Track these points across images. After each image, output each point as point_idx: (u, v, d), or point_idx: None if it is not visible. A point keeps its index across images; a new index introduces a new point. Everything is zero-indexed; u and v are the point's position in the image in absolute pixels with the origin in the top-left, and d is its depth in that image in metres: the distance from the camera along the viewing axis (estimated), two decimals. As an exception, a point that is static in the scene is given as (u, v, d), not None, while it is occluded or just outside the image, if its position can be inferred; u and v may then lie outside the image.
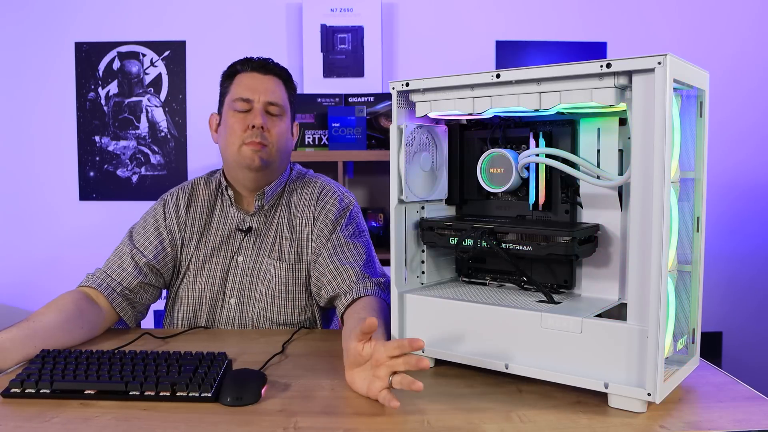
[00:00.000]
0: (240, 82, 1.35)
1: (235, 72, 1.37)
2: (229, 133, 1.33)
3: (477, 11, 2.64)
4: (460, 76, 0.99)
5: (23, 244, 2.65)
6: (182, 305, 1.39)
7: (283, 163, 1.39)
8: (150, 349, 1.05)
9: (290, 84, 1.41)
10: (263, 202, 1.38)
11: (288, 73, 1.41)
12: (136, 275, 1.32)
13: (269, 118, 1.33)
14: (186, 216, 1.39)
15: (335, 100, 2.43)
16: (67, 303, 1.20)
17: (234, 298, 1.37)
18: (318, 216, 1.37)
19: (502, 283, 1.14)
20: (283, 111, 1.36)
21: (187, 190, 1.42)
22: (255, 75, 1.35)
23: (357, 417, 0.87)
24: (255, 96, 1.32)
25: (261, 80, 1.34)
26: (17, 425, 0.83)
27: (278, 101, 1.34)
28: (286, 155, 1.40)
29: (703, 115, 0.97)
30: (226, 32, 2.62)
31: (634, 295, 0.85)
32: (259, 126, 1.30)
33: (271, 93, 1.34)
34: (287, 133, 1.38)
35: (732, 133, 2.66)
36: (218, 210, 1.41)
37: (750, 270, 2.74)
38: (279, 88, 1.36)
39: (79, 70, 2.62)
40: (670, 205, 0.86)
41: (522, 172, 1.07)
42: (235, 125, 1.32)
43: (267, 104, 1.33)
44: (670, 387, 0.89)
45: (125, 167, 2.65)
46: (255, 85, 1.33)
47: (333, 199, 1.39)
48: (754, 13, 2.68)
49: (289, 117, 1.40)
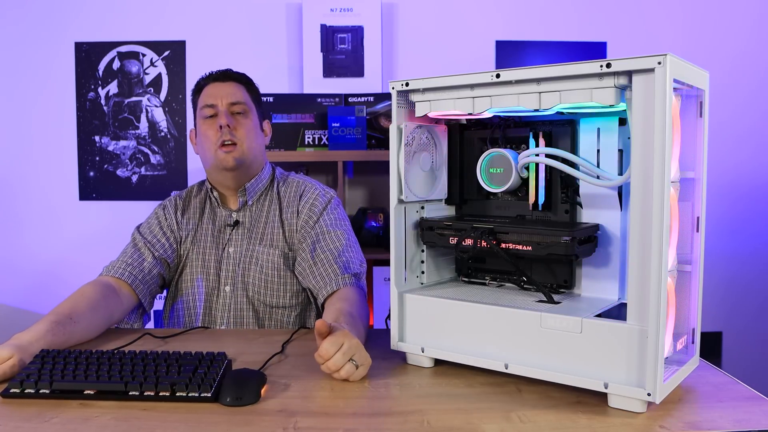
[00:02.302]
0: (205, 93, 1.49)
1: (201, 86, 1.52)
2: (204, 140, 1.46)
3: (477, 11, 2.64)
4: (460, 76, 0.99)
5: (23, 244, 2.65)
6: (181, 298, 1.48)
7: (257, 159, 1.51)
8: (150, 349, 1.05)
9: (251, 86, 1.55)
10: (246, 197, 1.50)
11: (247, 78, 1.55)
12: (155, 264, 1.44)
13: (234, 117, 1.46)
14: (182, 218, 1.53)
15: (335, 100, 2.43)
16: (89, 292, 1.28)
17: (228, 285, 1.47)
18: (302, 209, 1.48)
19: (502, 283, 1.14)
20: (247, 109, 1.49)
21: (183, 196, 1.57)
22: (216, 84, 1.49)
23: (357, 417, 0.87)
24: (218, 100, 1.46)
25: (221, 86, 1.48)
26: (17, 425, 0.83)
27: (239, 100, 1.47)
28: (259, 151, 1.52)
29: (703, 115, 0.97)
30: (226, 32, 2.61)
31: (634, 295, 0.85)
32: (225, 125, 1.42)
33: (231, 95, 1.47)
34: (255, 130, 1.50)
35: (732, 133, 2.66)
36: (208, 210, 1.54)
37: (750, 270, 2.74)
38: (239, 90, 1.50)
39: (79, 70, 2.62)
40: (670, 205, 0.86)
41: (522, 172, 1.07)
42: (208, 131, 1.45)
43: (229, 105, 1.46)
44: (670, 387, 0.89)
45: (125, 167, 2.65)
46: (216, 92, 1.47)
47: (315, 194, 1.51)
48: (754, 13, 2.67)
49: (256, 115, 1.52)
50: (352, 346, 0.99)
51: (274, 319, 1.46)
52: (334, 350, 0.97)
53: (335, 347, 0.97)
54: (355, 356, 0.98)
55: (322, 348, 0.98)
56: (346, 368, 0.98)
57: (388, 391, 0.96)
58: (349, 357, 0.98)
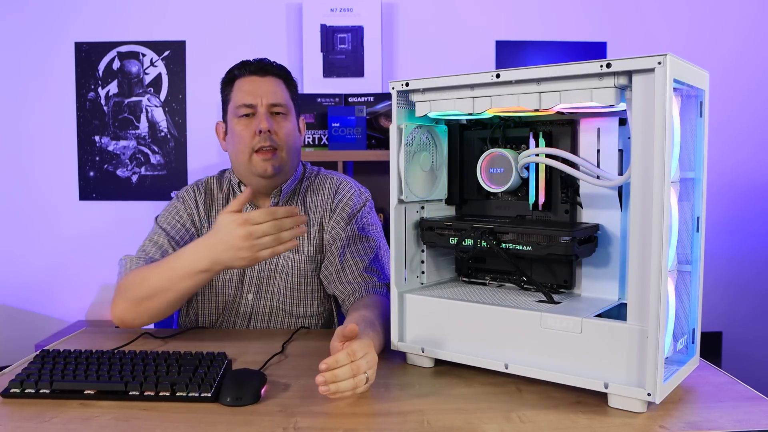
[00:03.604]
0: (240, 87, 1.34)
1: (233, 78, 1.36)
2: (237, 142, 1.32)
3: (477, 11, 2.64)
4: (460, 76, 0.99)
5: (23, 244, 2.65)
6: (200, 303, 1.40)
7: (294, 162, 1.39)
8: (150, 349, 1.05)
9: (290, 81, 1.40)
10: (279, 199, 1.39)
11: (287, 71, 1.40)
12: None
13: (275, 119, 1.33)
14: (205, 212, 1.40)
15: (335, 100, 2.43)
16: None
17: (251, 293, 1.38)
18: (335, 208, 1.38)
19: (502, 283, 1.14)
20: (288, 110, 1.36)
21: (203, 188, 1.42)
22: (254, 78, 1.34)
23: (357, 417, 0.87)
24: (257, 100, 1.31)
25: (261, 83, 1.33)
26: (17, 425, 0.83)
27: (281, 101, 1.34)
28: (297, 153, 1.40)
29: (703, 115, 0.96)
30: (226, 32, 2.61)
31: (634, 295, 0.85)
32: (266, 130, 1.29)
33: (272, 94, 1.33)
34: (295, 132, 1.38)
35: (732, 133, 2.66)
36: None
37: (750, 270, 2.74)
38: (280, 88, 1.35)
39: (79, 70, 2.62)
40: (670, 205, 0.86)
41: (522, 172, 1.07)
42: (243, 132, 1.31)
43: (270, 106, 1.32)
44: (670, 387, 0.89)
45: (125, 167, 2.65)
46: (255, 89, 1.32)
47: (350, 193, 1.40)
48: (754, 13, 2.67)
49: (294, 114, 1.39)
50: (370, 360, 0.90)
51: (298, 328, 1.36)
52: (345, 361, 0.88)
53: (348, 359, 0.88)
54: (370, 371, 0.90)
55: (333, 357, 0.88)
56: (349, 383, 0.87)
57: (388, 391, 0.96)
58: (364, 370, 0.88)
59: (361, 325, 1.05)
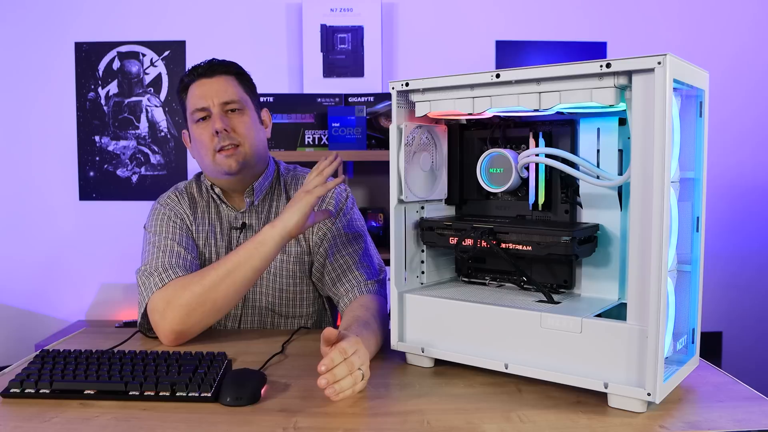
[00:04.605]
0: (192, 92, 1.33)
1: (186, 85, 1.36)
2: (199, 146, 1.33)
3: (477, 11, 2.64)
4: (460, 76, 0.99)
5: (23, 244, 2.65)
6: None
7: (261, 155, 1.37)
8: (149, 349, 1.05)
9: (243, 76, 1.38)
10: (253, 198, 1.37)
11: (237, 66, 1.38)
12: (194, 258, 1.31)
13: (230, 117, 1.32)
14: (192, 216, 1.38)
15: (335, 100, 2.43)
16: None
17: None
18: (319, 206, 1.36)
19: (502, 283, 1.14)
20: (243, 105, 1.34)
21: (185, 193, 1.40)
22: (203, 81, 1.33)
23: (357, 417, 0.87)
24: (209, 101, 1.30)
25: (210, 84, 1.32)
26: (17, 425, 0.83)
27: (233, 98, 1.32)
28: (263, 146, 1.38)
29: (703, 115, 0.97)
30: (226, 32, 2.61)
31: (634, 295, 0.85)
32: (222, 129, 1.28)
33: (223, 93, 1.32)
34: (255, 125, 1.36)
35: (732, 133, 2.66)
36: (213, 211, 1.39)
37: (750, 270, 2.74)
38: (231, 85, 1.34)
39: (79, 70, 2.62)
40: (670, 205, 0.86)
41: (522, 172, 1.07)
42: (202, 136, 1.31)
43: (223, 105, 1.31)
44: (669, 387, 0.89)
45: (125, 167, 2.65)
46: (206, 91, 1.31)
47: (331, 192, 1.39)
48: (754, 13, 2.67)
49: (253, 107, 1.38)
50: (361, 355, 0.92)
51: (288, 328, 1.37)
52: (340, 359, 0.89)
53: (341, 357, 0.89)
54: (363, 366, 0.92)
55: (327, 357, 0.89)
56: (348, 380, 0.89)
57: (388, 391, 0.96)
58: (357, 366, 0.90)
59: (356, 326, 1.07)
